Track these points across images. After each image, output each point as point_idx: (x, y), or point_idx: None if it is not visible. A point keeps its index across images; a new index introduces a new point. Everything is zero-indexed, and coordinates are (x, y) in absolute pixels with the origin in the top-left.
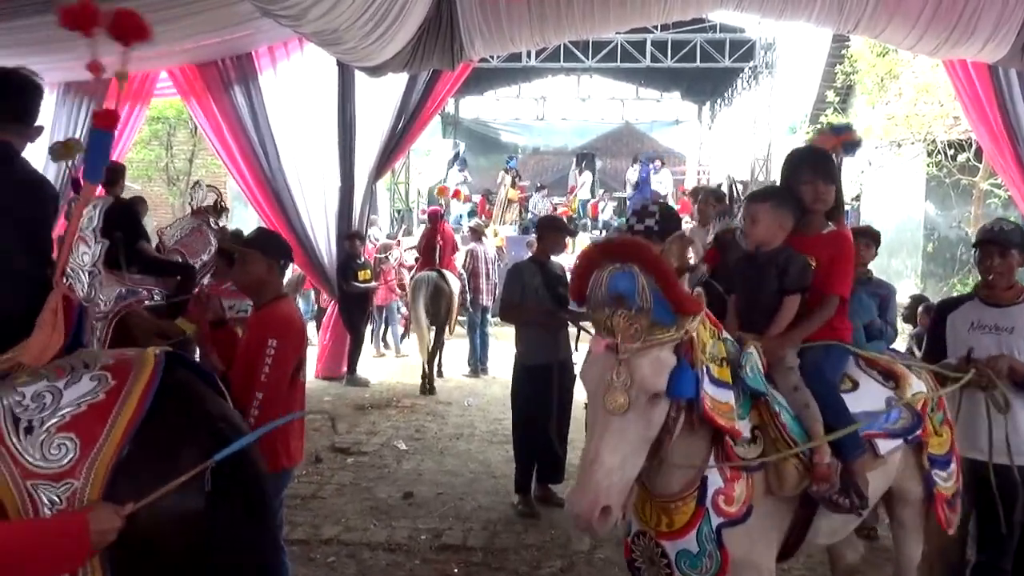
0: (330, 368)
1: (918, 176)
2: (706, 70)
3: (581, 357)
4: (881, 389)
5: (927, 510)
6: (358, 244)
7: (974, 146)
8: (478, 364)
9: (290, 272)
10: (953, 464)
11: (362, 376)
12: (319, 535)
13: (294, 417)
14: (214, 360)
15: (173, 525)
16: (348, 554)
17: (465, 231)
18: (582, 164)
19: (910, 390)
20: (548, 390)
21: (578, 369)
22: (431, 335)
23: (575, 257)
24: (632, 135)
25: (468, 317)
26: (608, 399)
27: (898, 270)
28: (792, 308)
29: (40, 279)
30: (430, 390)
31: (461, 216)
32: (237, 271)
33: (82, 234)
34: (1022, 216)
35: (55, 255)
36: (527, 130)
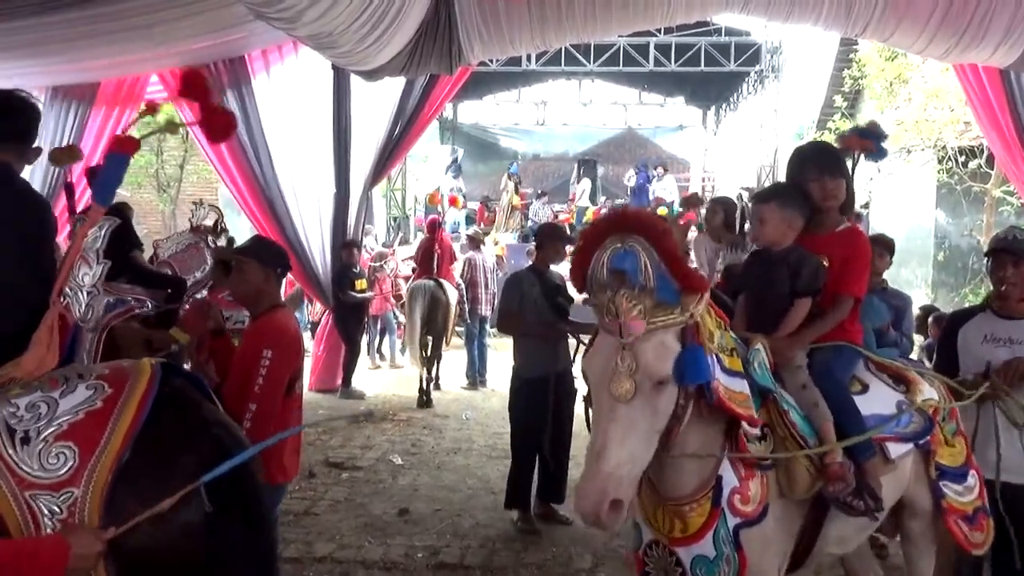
0: (324, 380)
1: (928, 183)
2: (711, 74)
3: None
4: (892, 392)
5: (936, 523)
6: (355, 253)
7: (986, 152)
8: (476, 376)
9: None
10: (971, 479)
11: (357, 388)
12: (312, 553)
13: (296, 431)
14: (209, 371)
15: (174, 537)
16: (342, 572)
17: (463, 239)
18: (581, 170)
19: (921, 395)
20: (547, 403)
21: (579, 382)
22: (429, 346)
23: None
24: (635, 141)
25: (466, 328)
26: (614, 385)
27: (908, 280)
28: (803, 311)
29: (38, 297)
30: (427, 403)
31: (458, 223)
32: (233, 280)
33: (84, 254)
34: None
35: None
36: (527, 136)
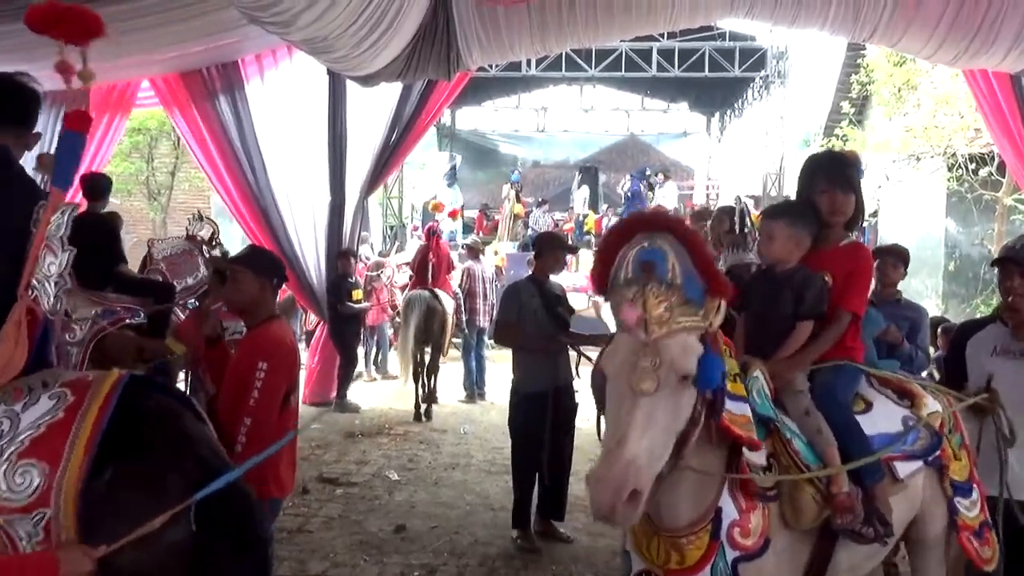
0: (318, 393)
1: (938, 191)
2: (715, 80)
3: (583, 383)
4: (896, 408)
5: (950, 541)
6: (351, 263)
7: (996, 160)
8: (474, 389)
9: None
10: (976, 492)
11: (352, 401)
12: (305, 571)
13: (284, 442)
14: (206, 383)
15: (160, 557)
16: None
17: (460, 248)
18: (579, 178)
19: (926, 409)
20: (547, 418)
21: (580, 397)
22: (426, 358)
23: (582, 274)
24: (637, 148)
25: (463, 339)
26: (635, 379)
27: (918, 291)
28: (804, 334)
29: (13, 288)
30: (426, 414)
31: (454, 232)
32: (228, 290)
33: (49, 243)
34: None
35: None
36: (527, 142)
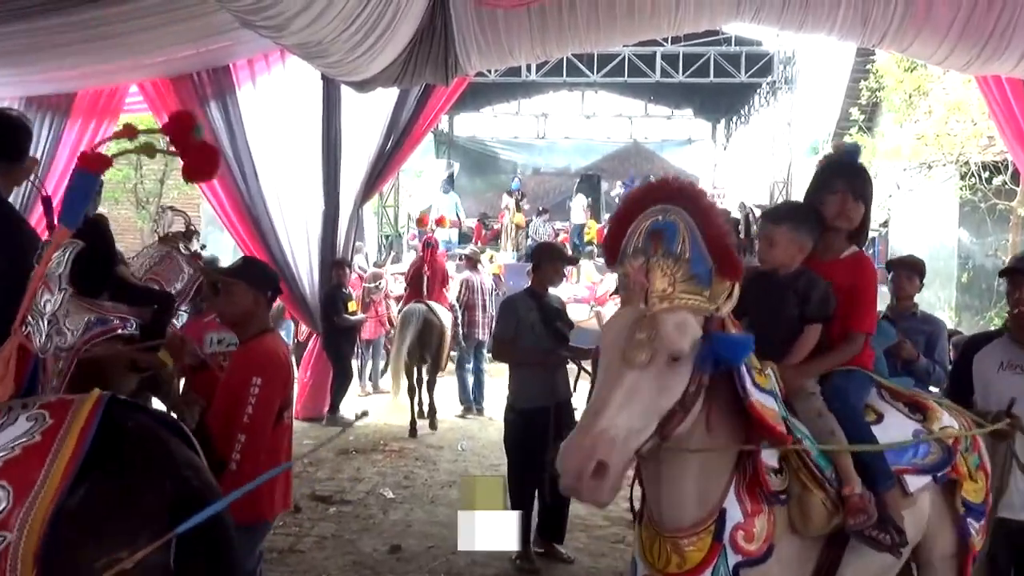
0: (310, 408)
1: (950, 201)
2: (721, 85)
3: (582, 399)
4: (907, 421)
5: (960, 565)
6: (345, 273)
7: (1011, 168)
8: (471, 403)
9: None
10: (985, 518)
11: (345, 416)
12: None
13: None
14: (194, 395)
15: None
16: None
17: (459, 259)
18: (577, 185)
19: (939, 423)
20: (545, 436)
21: (579, 414)
22: (423, 373)
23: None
24: (640, 155)
25: (458, 352)
26: (628, 351)
27: (931, 303)
28: (813, 338)
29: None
30: (431, 426)
31: (450, 242)
32: (221, 302)
33: (47, 280)
34: None
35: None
36: (527, 149)
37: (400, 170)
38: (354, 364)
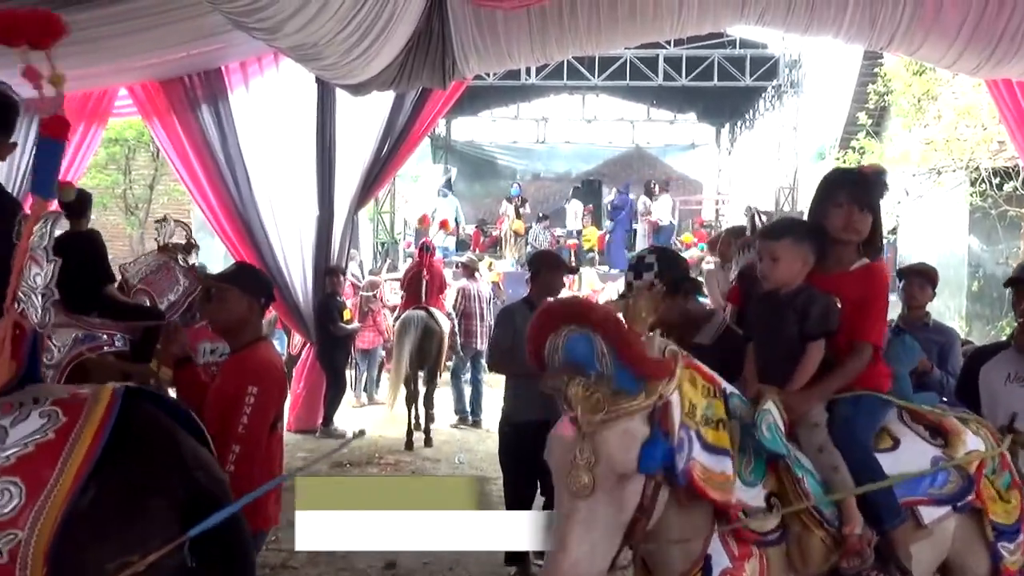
0: (304, 420)
1: (960, 207)
2: (725, 89)
3: None
4: (927, 447)
5: None
6: (340, 281)
7: (1022, 174)
8: (468, 414)
9: None
10: (1022, 535)
11: (339, 428)
12: None
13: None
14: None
15: None
16: None
17: (456, 267)
18: (573, 191)
19: (963, 448)
20: (541, 450)
21: None
22: (422, 382)
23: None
24: (643, 160)
25: (454, 362)
26: (571, 480)
27: (940, 311)
28: (816, 357)
29: None
30: (426, 443)
31: (447, 250)
32: (213, 309)
33: (33, 253)
34: None
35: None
36: (526, 154)
37: (396, 175)
38: (348, 374)
